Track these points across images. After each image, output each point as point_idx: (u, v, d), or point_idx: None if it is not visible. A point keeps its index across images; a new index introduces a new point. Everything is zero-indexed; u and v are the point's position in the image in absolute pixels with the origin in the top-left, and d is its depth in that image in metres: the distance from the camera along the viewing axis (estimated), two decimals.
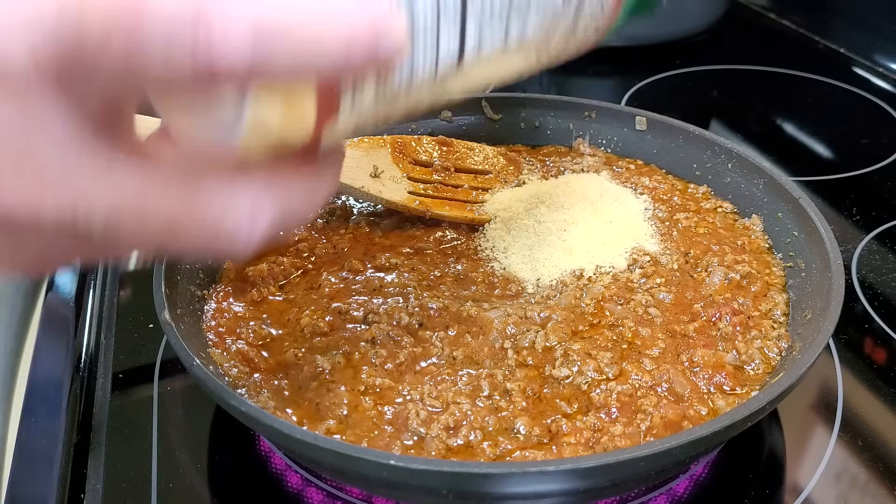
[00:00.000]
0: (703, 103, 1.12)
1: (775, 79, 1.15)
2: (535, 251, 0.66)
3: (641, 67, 1.17)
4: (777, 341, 0.57)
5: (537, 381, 0.55)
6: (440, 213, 0.71)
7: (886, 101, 1.07)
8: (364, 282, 0.64)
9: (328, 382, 0.55)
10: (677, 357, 0.57)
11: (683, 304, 0.61)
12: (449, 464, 0.47)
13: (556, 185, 0.73)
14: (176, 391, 0.62)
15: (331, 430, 0.52)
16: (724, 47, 1.26)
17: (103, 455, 0.57)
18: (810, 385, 0.62)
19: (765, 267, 0.65)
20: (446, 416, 0.51)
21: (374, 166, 0.73)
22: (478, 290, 0.64)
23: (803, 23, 1.30)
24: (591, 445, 0.50)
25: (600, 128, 0.82)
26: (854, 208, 0.84)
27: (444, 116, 0.84)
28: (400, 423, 0.52)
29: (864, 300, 0.71)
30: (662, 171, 0.78)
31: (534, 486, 0.45)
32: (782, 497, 0.54)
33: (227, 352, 0.57)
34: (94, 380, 0.63)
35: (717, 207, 0.73)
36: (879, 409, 0.60)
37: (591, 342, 0.57)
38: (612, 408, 0.52)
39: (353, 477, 0.51)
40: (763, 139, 1.01)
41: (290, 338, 0.60)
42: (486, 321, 0.59)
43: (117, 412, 0.60)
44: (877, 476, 0.55)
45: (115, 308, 0.71)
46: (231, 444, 0.57)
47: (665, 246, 0.67)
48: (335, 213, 0.73)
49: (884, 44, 1.16)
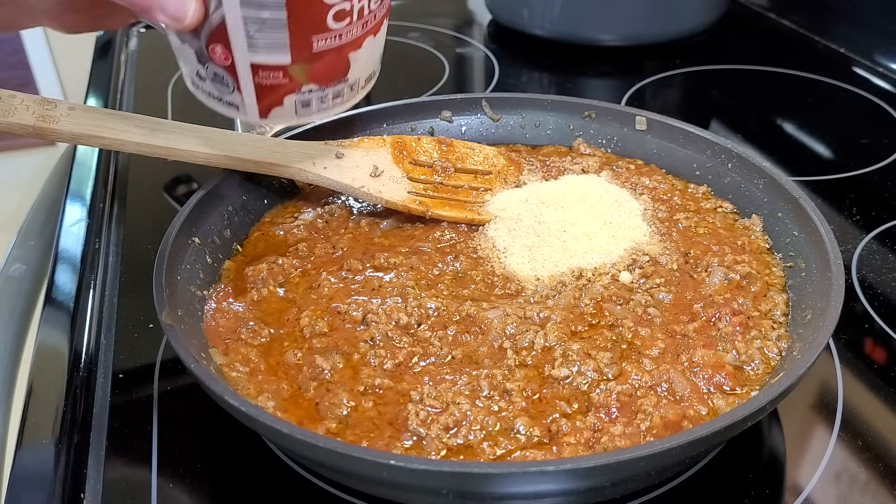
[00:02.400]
0: (703, 103, 1.12)
1: (775, 79, 1.15)
2: (535, 251, 0.66)
3: (641, 67, 1.17)
4: (777, 341, 0.57)
5: (537, 380, 0.55)
6: (440, 213, 0.71)
7: (886, 101, 1.07)
8: (363, 282, 0.64)
9: (327, 383, 0.55)
10: (677, 357, 0.57)
11: (683, 304, 0.61)
12: (449, 464, 0.47)
13: (556, 185, 0.73)
14: (176, 391, 0.62)
15: (330, 430, 0.52)
16: (724, 47, 1.26)
17: (103, 455, 0.57)
18: (810, 385, 0.62)
19: (765, 267, 0.65)
20: (446, 416, 0.51)
21: (374, 166, 0.73)
22: (477, 289, 0.64)
23: (803, 23, 1.30)
24: (590, 445, 0.50)
25: (600, 128, 0.82)
26: (854, 208, 0.84)
27: (444, 116, 0.84)
28: (399, 424, 0.52)
29: (864, 300, 0.71)
30: (662, 171, 0.78)
31: (534, 486, 0.45)
32: (782, 497, 0.54)
33: (227, 352, 0.57)
34: (94, 380, 0.63)
35: (717, 207, 0.73)
36: (879, 409, 0.60)
37: (590, 342, 0.57)
38: (612, 408, 0.52)
39: (354, 477, 0.51)
40: (763, 139, 1.01)
41: (290, 338, 0.60)
42: (485, 321, 0.59)
43: (117, 412, 0.60)
44: (877, 476, 0.55)
45: (115, 308, 0.71)
46: (231, 444, 0.57)
47: (665, 246, 0.67)
48: (335, 213, 0.73)
49: (884, 44, 1.16)
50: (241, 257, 0.69)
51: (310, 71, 0.53)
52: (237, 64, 0.52)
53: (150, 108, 1.06)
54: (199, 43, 0.52)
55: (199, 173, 0.80)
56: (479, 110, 0.84)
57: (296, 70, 0.53)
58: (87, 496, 0.54)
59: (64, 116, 0.63)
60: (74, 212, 0.84)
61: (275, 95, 0.54)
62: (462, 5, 1.48)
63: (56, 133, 0.63)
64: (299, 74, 0.53)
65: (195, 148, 0.67)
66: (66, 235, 0.80)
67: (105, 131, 0.64)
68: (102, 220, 0.83)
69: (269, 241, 0.70)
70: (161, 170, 0.89)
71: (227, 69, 0.53)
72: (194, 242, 0.64)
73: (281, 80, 0.53)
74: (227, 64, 0.52)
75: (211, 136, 0.68)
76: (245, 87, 0.53)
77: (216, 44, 0.51)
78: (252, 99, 0.54)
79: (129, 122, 0.66)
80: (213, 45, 0.51)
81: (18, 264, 0.85)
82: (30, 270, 0.84)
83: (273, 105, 0.55)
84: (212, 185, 0.68)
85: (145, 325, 0.68)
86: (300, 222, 0.72)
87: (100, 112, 0.66)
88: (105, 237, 0.80)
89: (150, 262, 0.59)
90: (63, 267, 0.76)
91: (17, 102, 0.62)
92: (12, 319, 0.79)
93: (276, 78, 0.53)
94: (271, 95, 0.54)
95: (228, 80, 0.53)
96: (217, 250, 0.67)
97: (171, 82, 1.14)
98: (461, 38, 1.32)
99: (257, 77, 0.53)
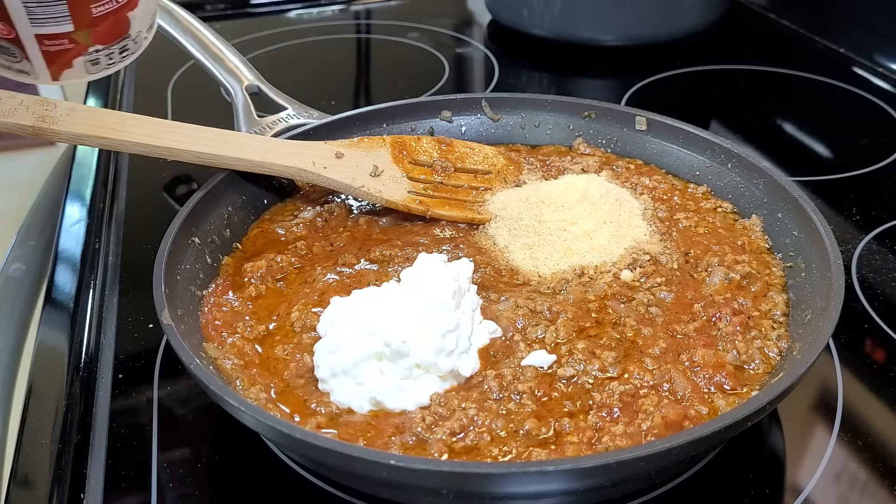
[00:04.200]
0: (703, 103, 1.12)
1: (775, 79, 1.15)
2: (536, 250, 0.66)
3: (641, 67, 1.17)
4: (777, 341, 0.57)
5: (546, 381, 0.55)
6: (440, 212, 0.71)
7: (886, 101, 1.07)
8: (357, 275, 0.64)
9: (316, 381, 0.55)
10: (678, 357, 0.57)
11: (684, 303, 0.61)
12: (449, 464, 0.47)
13: (556, 184, 0.73)
14: (176, 391, 0.62)
15: (321, 425, 0.52)
16: (724, 47, 1.26)
17: (103, 455, 0.57)
18: (810, 385, 0.62)
19: (765, 267, 0.65)
20: (452, 422, 0.51)
21: (374, 166, 0.73)
22: (486, 274, 0.64)
23: (803, 23, 1.30)
24: (592, 444, 0.50)
25: (600, 128, 0.82)
26: (854, 208, 0.84)
27: (443, 116, 0.84)
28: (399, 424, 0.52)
29: (864, 300, 0.71)
30: (662, 171, 0.78)
31: (534, 486, 0.45)
32: (782, 497, 0.54)
33: (222, 345, 0.58)
34: (94, 380, 0.63)
35: (717, 207, 0.73)
36: (879, 409, 0.60)
37: (594, 341, 0.57)
38: (615, 407, 0.52)
39: (354, 477, 0.51)
40: (763, 139, 1.01)
41: (281, 332, 0.60)
42: (494, 312, 0.59)
43: (117, 412, 0.60)
44: (877, 476, 0.55)
45: (115, 308, 0.71)
46: (231, 444, 0.57)
47: (665, 245, 0.67)
48: (334, 211, 0.73)
49: (884, 44, 1.16)
50: (239, 253, 0.69)
51: (94, 34, 0.57)
52: (21, 37, 0.54)
53: (150, 108, 1.06)
54: None
55: (199, 173, 0.79)
56: (479, 110, 0.84)
57: (80, 35, 0.56)
58: (87, 496, 0.54)
59: (64, 116, 0.63)
60: (74, 212, 0.84)
61: (63, 59, 0.57)
62: (462, 5, 1.48)
63: (56, 133, 0.63)
64: (84, 38, 0.57)
65: (195, 148, 0.67)
66: (65, 235, 0.80)
67: (105, 131, 0.64)
68: (102, 220, 0.83)
69: (268, 238, 0.70)
70: (161, 170, 0.89)
71: (12, 41, 0.55)
72: (194, 242, 0.64)
73: (67, 46, 0.56)
74: (12, 37, 0.55)
75: (211, 136, 0.68)
76: (33, 56, 0.56)
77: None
78: (42, 65, 0.57)
79: (128, 122, 0.66)
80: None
81: (18, 264, 0.85)
82: (30, 270, 0.84)
83: (63, 68, 0.58)
84: (212, 185, 0.68)
85: (145, 325, 0.68)
86: (299, 220, 0.72)
87: (100, 112, 0.66)
88: (105, 237, 0.80)
89: (150, 262, 0.59)
90: (63, 267, 0.76)
91: (16, 102, 0.62)
92: (12, 319, 0.79)
93: (63, 44, 0.56)
94: (60, 59, 0.57)
95: (15, 50, 0.56)
96: (217, 250, 0.67)
97: (171, 82, 1.14)
98: (461, 38, 1.32)
99: (43, 45, 0.56)
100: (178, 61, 1.16)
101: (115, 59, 0.61)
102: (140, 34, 0.62)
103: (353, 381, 0.53)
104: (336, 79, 1.20)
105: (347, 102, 1.11)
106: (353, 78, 1.21)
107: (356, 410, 0.53)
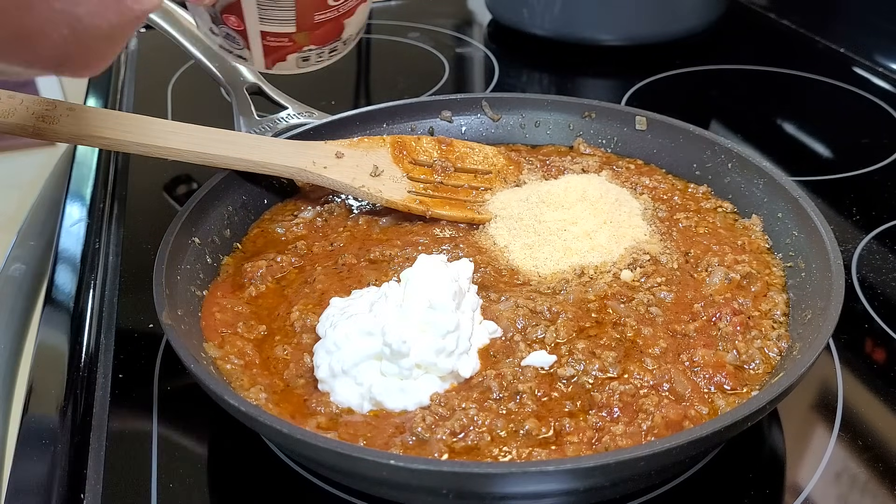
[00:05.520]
0: (703, 103, 1.12)
1: (775, 79, 1.15)
2: (536, 249, 0.66)
3: (641, 67, 1.17)
4: (777, 341, 0.57)
5: (547, 381, 0.55)
6: (440, 212, 0.71)
7: (886, 101, 1.07)
8: (357, 275, 0.64)
9: (316, 381, 0.55)
10: (678, 357, 0.57)
11: (684, 303, 0.61)
12: (449, 464, 0.47)
13: (556, 184, 0.73)
14: (176, 391, 0.62)
15: (321, 425, 0.52)
16: (724, 47, 1.26)
17: (103, 455, 0.57)
18: (810, 385, 0.62)
19: (765, 267, 0.65)
20: (452, 422, 0.51)
21: (374, 166, 0.73)
22: (486, 274, 0.64)
23: (803, 23, 1.30)
24: (592, 444, 0.50)
25: (600, 128, 0.82)
26: (854, 208, 0.84)
27: (443, 116, 0.84)
28: (399, 424, 0.52)
29: (864, 300, 0.71)
30: (662, 171, 0.78)
31: (534, 486, 0.45)
32: (782, 497, 0.54)
33: (222, 345, 0.58)
34: (94, 380, 0.63)
35: (717, 207, 0.73)
36: (879, 409, 0.60)
37: (595, 341, 0.57)
38: (615, 407, 0.52)
39: (354, 477, 0.51)
40: (763, 139, 1.01)
41: (281, 332, 0.60)
42: (494, 312, 0.59)
43: (117, 412, 0.60)
44: (877, 476, 0.55)
45: (115, 308, 0.71)
46: (231, 444, 0.57)
47: (665, 245, 0.67)
48: (334, 211, 0.74)
49: (884, 44, 1.16)
50: (240, 253, 0.69)
51: (312, 36, 0.62)
52: (248, 31, 0.60)
53: (150, 108, 1.06)
54: (214, 10, 0.59)
55: (199, 173, 0.80)
56: (479, 110, 0.84)
57: (300, 36, 0.61)
58: (87, 496, 0.54)
59: (64, 116, 0.63)
60: (74, 212, 0.84)
61: (279, 54, 0.63)
62: (462, 5, 1.48)
63: (56, 133, 0.63)
64: (302, 39, 0.62)
65: (195, 148, 0.67)
66: (66, 235, 0.80)
67: (105, 131, 0.64)
68: (102, 220, 0.83)
69: (268, 238, 0.71)
70: (161, 170, 0.89)
71: (240, 33, 0.60)
72: (194, 242, 0.64)
73: (286, 44, 0.62)
74: (240, 29, 0.60)
75: (211, 136, 0.68)
76: (254, 47, 0.62)
77: (230, 14, 0.59)
78: (260, 56, 0.63)
79: (128, 122, 0.66)
80: (228, 14, 0.59)
81: (18, 264, 0.85)
82: (30, 270, 0.84)
83: (278, 60, 0.63)
84: (212, 185, 0.68)
85: (145, 325, 0.68)
86: (299, 220, 0.72)
87: (100, 112, 0.66)
88: (105, 237, 0.80)
89: (150, 262, 0.59)
90: (63, 267, 0.76)
91: (16, 102, 0.62)
92: (12, 319, 0.79)
93: (282, 42, 0.61)
94: (276, 53, 0.63)
95: (240, 40, 0.61)
96: (217, 250, 0.67)
97: (171, 82, 1.14)
98: (461, 38, 1.32)
99: (265, 41, 0.61)
100: (178, 61, 1.16)
101: (324, 58, 0.65)
102: (350, 38, 0.65)
103: (353, 382, 0.53)
104: (336, 78, 1.20)
105: (347, 102, 1.11)
106: (353, 78, 1.21)
107: (356, 410, 0.53)
